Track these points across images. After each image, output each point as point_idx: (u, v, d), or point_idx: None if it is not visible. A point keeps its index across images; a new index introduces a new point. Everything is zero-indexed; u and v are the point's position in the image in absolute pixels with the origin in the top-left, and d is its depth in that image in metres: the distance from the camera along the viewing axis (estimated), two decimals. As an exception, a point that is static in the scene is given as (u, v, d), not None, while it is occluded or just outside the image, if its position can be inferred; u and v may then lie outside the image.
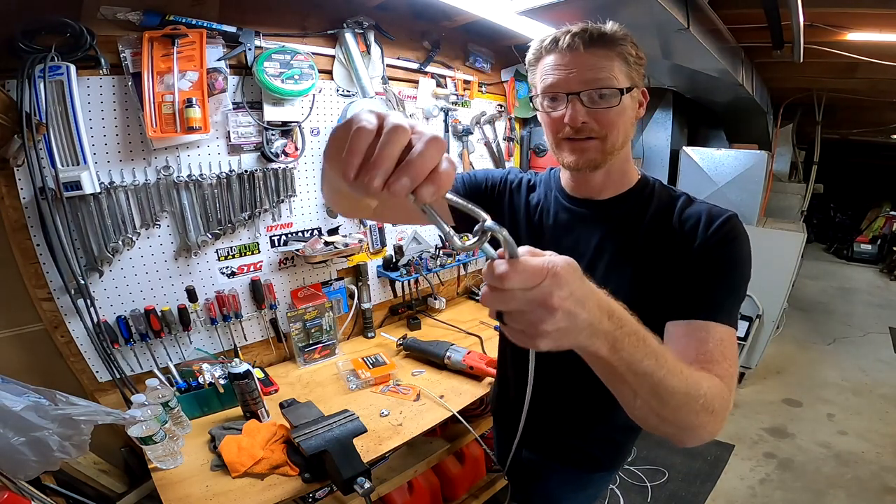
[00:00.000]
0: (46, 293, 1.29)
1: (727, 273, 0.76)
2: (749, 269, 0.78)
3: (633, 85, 0.78)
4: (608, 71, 0.74)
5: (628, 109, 0.78)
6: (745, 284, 0.78)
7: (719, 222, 0.77)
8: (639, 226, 0.83)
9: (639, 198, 0.85)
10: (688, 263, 0.77)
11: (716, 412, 0.59)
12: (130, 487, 1.45)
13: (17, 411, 0.89)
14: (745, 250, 0.78)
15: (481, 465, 1.89)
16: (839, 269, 6.24)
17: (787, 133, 3.97)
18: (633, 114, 0.81)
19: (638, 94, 0.81)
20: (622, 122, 0.78)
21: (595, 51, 0.74)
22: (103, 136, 1.30)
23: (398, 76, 1.90)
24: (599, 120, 0.76)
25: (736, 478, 2.32)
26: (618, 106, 0.75)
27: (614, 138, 0.78)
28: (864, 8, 1.79)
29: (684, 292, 0.76)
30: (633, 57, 0.77)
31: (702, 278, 0.76)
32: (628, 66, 0.76)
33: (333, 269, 1.90)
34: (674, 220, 0.80)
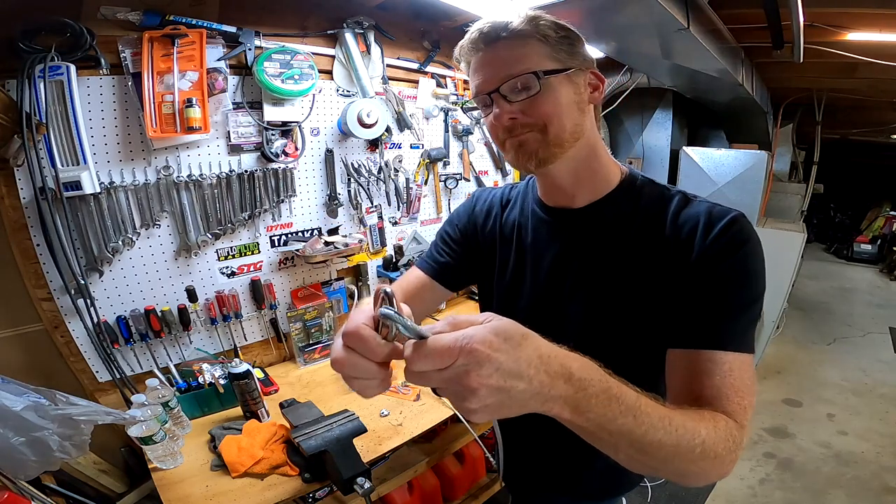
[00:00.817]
0: (46, 293, 1.29)
1: (735, 289, 0.64)
2: (763, 280, 0.66)
3: (564, 66, 0.67)
4: (523, 59, 0.66)
5: (567, 95, 0.68)
6: (760, 298, 0.66)
7: (722, 225, 0.65)
8: (625, 235, 0.72)
9: (622, 201, 0.74)
10: (686, 277, 0.66)
11: (719, 456, 0.54)
12: (130, 487, 1.45)
13: (17, 411, 0.89)
14: (755, 257, 0.66)
15: (481, 466, 1.88)
16: (839, 269, 6.24)
17: (787, 133, 3.97)
18: (578, 98, 0.69)
19: (582, 75, 0.70)
20: (559, 109, 0.67)
21: (505, 42, 0.67)
22: (103, 136, 1.30)
23: (398, 76, 1.90)
24: (529, 112, 0.68)
25: (736, 478, 2.32)
26: (541, 92, 0.66)
27: (556, 128, 0.68)
28: (864, 8, 1.79)
29: (684, 315, 0.66)
30: (556, 36, 0.67)
31: (704, 298, 0.65)
32: (550, 46, 0.67)
33: (333, 269, 1.90)
34: (667, 225, 0.69)
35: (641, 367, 0.68)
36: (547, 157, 0.70)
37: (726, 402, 0.59)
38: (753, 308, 0.65)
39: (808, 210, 4.10)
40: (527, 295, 0.81)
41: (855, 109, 3.72)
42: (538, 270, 0.79)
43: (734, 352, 0.62)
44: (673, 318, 0.67)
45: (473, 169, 2.29)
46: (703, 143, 3.68)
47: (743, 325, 0.64)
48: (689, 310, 0.65)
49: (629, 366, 0.64)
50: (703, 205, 0.70)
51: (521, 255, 0.84)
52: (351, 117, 1.65)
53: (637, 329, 0.71)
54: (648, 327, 0.69)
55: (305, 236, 1.75)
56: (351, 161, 1.81)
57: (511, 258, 0.85)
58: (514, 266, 0.84)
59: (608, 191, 0.75)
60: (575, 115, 0.69)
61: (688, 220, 0.68)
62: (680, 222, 0.69)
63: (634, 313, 0.71)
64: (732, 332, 0.63)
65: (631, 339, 0.71)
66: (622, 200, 0.74)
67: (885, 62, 2.16)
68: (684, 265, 0.66)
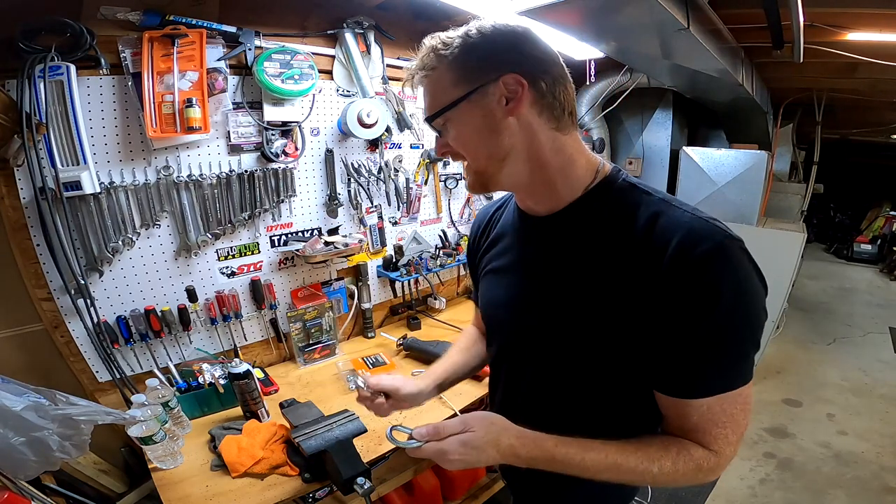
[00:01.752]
0: (46, 293, 1.29)
1: (715, 334, 0.57)
2: (758, 318, 0.58)
3: (467, 90, 0.62)
4: (432, 97, 0.66)
5: (467, 124, 0.65)
6: (752, 338, 0.59)
7: (698, 258, 0.55)
8: (588, 243, 0.67)
9: (587, 209, 0.67)
10: (655, 311, 0.59)
11: (678, 482, 0.64)
12: (130, 487, 1.45)
13: (17, 411, 0.89)
14: (742, 294, 0.56)
15: (481, 465, 1.88)
16: (839, 269, 6.24)
17: (787, 133, 3.96)
18: (486, 120, 0.63)
19: (491, 91, 0.62)
20: (465, 140, 0.66)
21: (421, 82, 0.67)
22: (103, 136, 1.30)
23: (398, 76, 1.90)
24: (452, 146, 0.69)
25: (736, 478, 2.31)
26: (445, 130, 0.67)
27: (472, 158, 0.68)
28: (864, 8, 1.79)
29: (653, 357, 0.62)
30: (453, 55, 0.63)
31: (672, 340, 0.59)
32: (454, 71, 0.63)
33: (333, 269, 1.90)
34: (638, 235, 0.61)
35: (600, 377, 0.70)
36: (482, 185, 0.70)
37: (703, 435, 0.63)
38: (741, 347, 0.59)
39: (808, 210, 4.10)
40: (507, 299, 0.81)
41: (855, 109, 3.72)
42: (515, 275, 0.79)
43: (712, 396, 0.60)
44: (637, 351, 0.64)
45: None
46: (703, 143, 3.68)
47: (724, 367, 0.59)
48: (658, 350, 0.61)
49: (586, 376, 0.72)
50: (684, 216, 0.60)
51: (501, 256, 0.83)
52: (351, 117, 1.65)
53: (594, 338, 0.66)
54: (608, 337, 0.65)
55: (305, 236, 1.75)
56: (351, 161, 1.81)
57: (493, 260, 0.85)
58: (494, 267, 0.85)
59: (573, 198, 0.68)
60: (485, 141, 0.65)
61: (661, 233, 0.59)
62: (657, 233, 0.60)
63: (590, 322, 0.66)
64: (708, 378, 0.60)
65: (586, 348, 0.68)
66: (588, 208, 0.67)
67: (885, 62, 2.16)
68: (650, 291, 0.59)
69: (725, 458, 0.63)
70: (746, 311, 0.57)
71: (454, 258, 2.14)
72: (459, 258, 2.18)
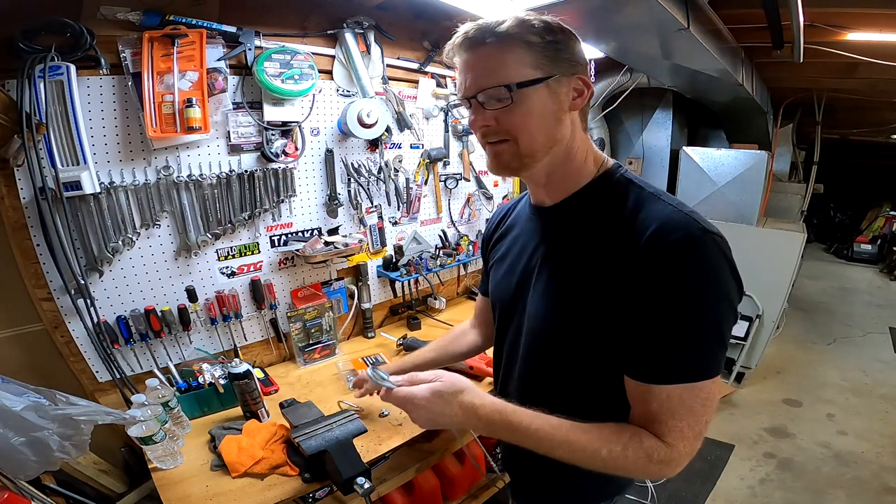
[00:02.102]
0: (46, 293, 1.29)
1: (683, 321, 0.60)
2: (722, 308, 0.61)
3: (545, 74, 0.65)
4: (500, 68, 0.65)
5: (543, 105, 0.67)
6: (716, 329, 0.62)
7: (668, 245, 0.60)
8: (584, 232, 0.72)
9: (588, 199, 0.73)
10: (630, 294, 0.63)
11: (627, 469, 0.65)
12: (130, 487, 1.45)
13: (17, 411, 0.89)
14: (706, 284, 0.60)
15: (481, 466, 1.88)
16: (839, 269, 6.24)
17: (787, 133, 3.97)
18: (555, 107, 0.67)
19: (565, 82, 0.67)
20: (530, 121, 0.67)
21: (487, 48, 0.66)
22: (103, 136, 1.30)
23: (398, 76, 1.90)
24: (502, 122, 0.68)
25: (736, 478, 2.32)
26: (513, 104, 0.66)
27: (527, 140, 0.68)
28: (864, 8, 1.79)
29: (625, 339, 0.65)
30: (542, 42, 0.65)
31: (649, 329, 0.62)
32: (534, 52, 0.65)
33: (333, 269, 1.90)
34: (624, 225, 0.66)
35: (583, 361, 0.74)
36: (518, 168, 0.72)
37: (659, 425, 0.64)
38: (708, 338, 0.61)
39: (808, 210, 4.10)
40: (509, 283, 0.86)
41: (855, 109, 3.72)
42: (519, 261, 0.85)
43: (673, 384, 0.62)
44: (616, 335, 0.67)
45: (473, 169, 2.29)
46: (703, 143, 3.68)
47: (693, 356, 0.62)
48: (629, 333, 0.65)
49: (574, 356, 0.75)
50: (666, 208, 0.64)
51: (512, 245, 0.89)
52: (351, 117, 1.65)
53: (582, 321, 0.71)
54: (591, 321, 0.69)
55: (305, 236, 1.75)
56: (351, 161, 1.81)
57: (503, 248, 0.92)
58: (503, 254, 0.91)
59: (576, 189, 0.74)
60: (549, 126, 0.68)
61: (642, 222, 0.64)
62: (636, 223, 0.65)
63: (570, 308, 0.72)
64: (679, 365, 0.62)
65: (576, 331, 0.72)
66: (587, 199, 0.74)
67: (885, 62, 2.16)
68: (627, 276, 0.64)
69: (678, 453, 0.64)
70: (711, 299, 0.60)
71: (454, 258, 2.14)
72: (459, 258, 2.18)
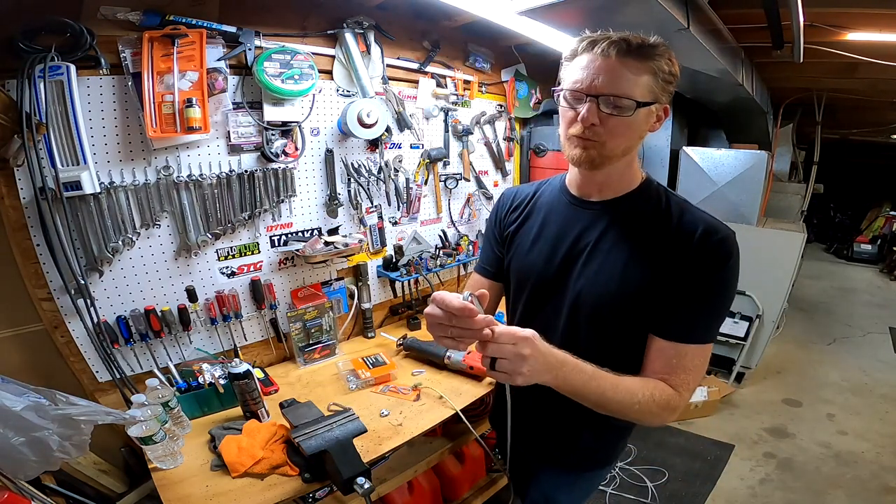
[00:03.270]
0: (46, 293, 1.29)
1: (714, 297, 0.82)
2: (735, 290, 0.84)
3: (654, 100, 0.78)
4: (632, 83, 0.75)
5: (640, 123, 0.80)
6: (730, 304, 0.85)
7: (716, 241, 0.80)
8: (637, 224, 0.87)
9: (638, 200, 0.89)
10: (678, 275, 0.81)
11: (654, 413, 0.80)
12: (130, 487, 1.45)
13: (17, 411, 0.89)
14: (735, 274, 0.81)
15: (481, 465, 1.89)
16: (839, 269, 6.25)
17: (787, 133, 3.97)
18: (645, 127, 0.82)
19: (658, 109, 0.81)
20: (629, 133, 0.80)
21: (627, 61, 0.75)
22: (103, 136, 1.30)
23: (398, 76, 1.90)
24: (607, 125, 0.78)
25: (736, 478, 2.32)
26: (630, 117, 0.77)
27: (613, 146, 0.80)
28: (864, 8, 1.79)
29: (667, 311, 0.83)
30: (665, 73, 0.77)
31: (688, 300, 0.81)
32: (656, 81, 0.77)
33: (333, 269, 1.90)
34: (672, 225, 0.84)
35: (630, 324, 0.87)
36: (599, 164, 0.82)
37: (675, 376, 0.82)
38: (723, 312, 0.84)
39: (808, 210, 4.11)
40: (550, 262, 0.95)
41: (855, 109, 3.72)
42: (561, 244, 0.94)
43: (696, 344, 0.82)
44: (658, 308, 0.83)
45: (473, 169, 2.29)
46: (703, 143, 3.67)
47: (710, 323, 0.83)
48: (673, 307, 0.82)
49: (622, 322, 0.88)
50: (701, 215, 0.84)
51: (544, 228, 0.98)
52: (351, 117, 1.65)
53: (628, 293, 0.85)
54: (639, 295, 0.84)
55: (305, 236, 1.75)
56: (351, 161, 1.81)
57: (534, 229, 1.00)
58: (535, 235, 0.99)
59: (628, 191, 0.89)
60: (633, 140, 0.82)
61: (689, 224, 0.82)
62: (683, 224, 0.83)
63: (629, 281, 0.84)
64: (701, 329, 0.82)
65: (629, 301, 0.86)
66: (638, 199, 0.89)
67: (885, 62, 2.16)
68: (679, 261, 0.81)
69: (683, 401, 0.83)
70: (733, 285, 0.83)
71: (454, 258, 2.14)
72: (459, 258, 2.18)
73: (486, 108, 2.29)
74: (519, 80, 2.35)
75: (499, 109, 2.35)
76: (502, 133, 2.42)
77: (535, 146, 2.48)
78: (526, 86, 2.40)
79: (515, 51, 2.29)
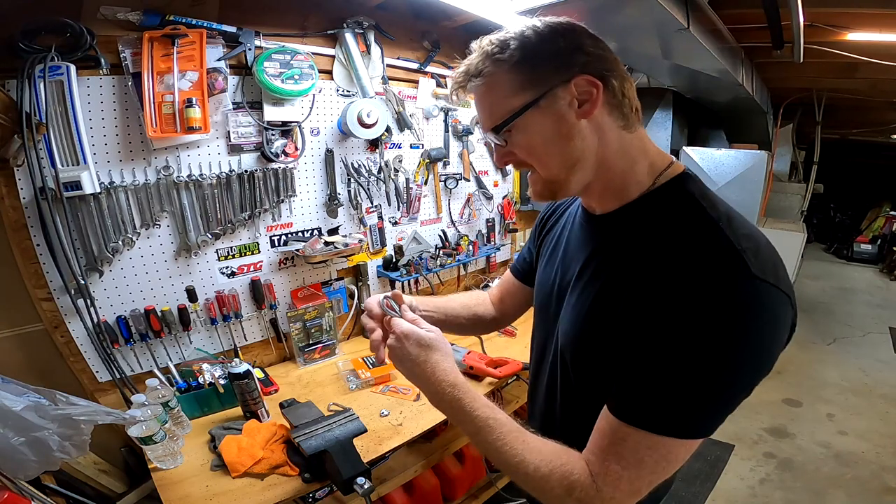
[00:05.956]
0: (46, 293, 1.29)
1: (697, 362, 0.53)
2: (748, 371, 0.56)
3: (534, 97, 0.59)
4: (492, 106, 0.63)
5: (536, 132, 0.61)
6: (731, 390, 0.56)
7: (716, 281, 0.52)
8: (626, 247, 0.64)
9: (638, 213, 0.65)
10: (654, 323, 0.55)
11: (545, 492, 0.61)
12: (130, 487, 1.45)
13: (17, 411, 0.89)
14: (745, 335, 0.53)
15: (481, 465, 1.88)
16: (839, 269, 6.25)
17: (787, 133, 3.97)
18: (557, 125, 0.60)
19: (561, 94, 0.59)
20: (535, 150, 0.63)
21: (476, 87, 0.63)
22: (103, 136, 1.30)
23: (398, 76, 1.90)
24: (517, 154, 0.65)
25: (736, 478, 2.32)
26: (511, 141, 0.63)
27: (542, 167, 0.64)
28: (864, 8, 1.80)
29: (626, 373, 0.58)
30: (523, 59, 0.60)
31: (642, 361, 0.56)
32: (519, 75, 0.60)
33: (333, 269, 1.90)
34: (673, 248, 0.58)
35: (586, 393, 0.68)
36: (552, 194, 0.67)
37: (601, 463, 0.58)
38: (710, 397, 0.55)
39: (808, 210, 4.11)
40: (551, 286, 0.81)
41: (855, 109, 3.72)
42: (561, 265, 0.79)
43: (642, 430, 0.55)
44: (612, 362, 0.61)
45: (473, 169, 2.29)
46: (703, 143, 3.68)
47: (678, 408, 0.55)
48: (634, 366, 0.57)
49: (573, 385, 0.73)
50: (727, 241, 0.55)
51: (557, 244, 0.84)
52: (351, 117, 1.65)
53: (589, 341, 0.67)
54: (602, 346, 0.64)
55: (305, 236, 1.75)
56: (351, 161, 1.81)
57: (551, 244, 0.86)
58: (550, 253, 0.86)
59: (627, 201, 0.65)
60: (558, 148, 0.62)
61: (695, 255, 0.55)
62: (687, 248, 0.57)
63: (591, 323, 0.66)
64: (659, 409, 0.55)
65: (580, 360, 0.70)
66: (637, 212, 0.65)
67: (885, 62, 2.16)
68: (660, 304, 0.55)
69: (601, 500, 0.57)
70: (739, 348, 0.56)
71: (454, 258, 2.14)
72: (459, 258, 2.18)
73: (486, 108, 2.29)
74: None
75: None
76: (502, 133, 2.41)
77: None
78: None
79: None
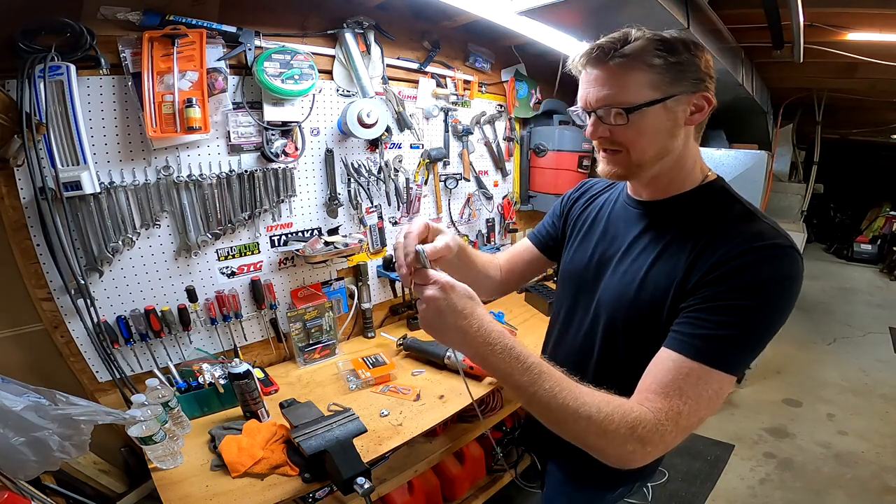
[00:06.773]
0: (46, 293, 1.29)
1: (747, 315, 0.64)
2: (780, 319, 0.66)
3: (664, 95, 0.71)
4: (622, 89, 0.71)
5: (651, 124, 0.72)
6: (768, 335, 0.66)
7: (759, 245, 0.67)
8: (679, 227, 0.78)
9: (690, 202, 0.80)
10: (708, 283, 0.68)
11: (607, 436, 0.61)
12: (130, 487, 1.45)
13: (17, 411, 0.89)
14: (784, 296, 0.66)
15: (481, 465, 1.89)
16: (839, 269, 6.25)
17: (787, 133, 3.96)
18: (670, 124, 0.73)
19: (684, 100, 0.73)
20: (643, 138, 0.74)
21: (612, 67, 0.71)
22: (103, 136, 1.30)
23: (398, 76, 1.90)
24: (617, 135, 0.75)
25: (736, 478, 2.32)
26: (628, 124, 0.72)
27: (638, 154, 0.75)
28: (864, 8, 1.79)
29: (684, 320, 0.69)
30: (663, 63, 0.70)
31: (712, 311, 0.66)
32: (655, 74, 0.70)
33: (333, 269, 1.90)
34: (721, 228, 0.73)
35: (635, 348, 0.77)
36: (627, 175, 0.79)
37: (663, 399, 0.64)
38: (754, 340, 0.66)
39: (808, 210, 4.10)
40: (591, 259, 0.92)
41: (855, 109, 3.72)
42: (603, 242, 0.91)
43: (705, 366, 0.64)
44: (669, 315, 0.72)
45: (473, 169, 2.29)
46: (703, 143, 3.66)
47: (735, 348, 0.65)
48: (692, 315, 0.68)
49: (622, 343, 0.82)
50: (762, 224, 0.72)
51: (595, 225, 0.96)
52: (351, 117, 1.65)
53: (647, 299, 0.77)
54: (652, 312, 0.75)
55: (305, 236, 1.75)
56: (351, 161, 1.81)
57: (586, 225, 0.98)
58: (585, 232, 0.98)
59: (679, 192, 0.81)
60: (661, 141, 0.74)
61: (740, 229, 0.71)
62: (733, 229, 0.72)
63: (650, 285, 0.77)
64: (720, 349, 0.65)
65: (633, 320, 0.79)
66: (689, 202, 0.80)
67: (885, 62, 2.16)
68: (713, 268, 0.68)
69: (660, 437, 0.62)
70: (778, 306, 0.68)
71: (454, 258, 2.14)
72: (459, 258, 2.18)
73: (486, 108, 2.29)
74: (519, 80, 2.35)
75: (499, 109, 2.35)
76: (502, 133, 2.42)
77: (535, 146, 2.48)
78: (526, 86, 2.40)
79: (515, 51, 2.28)
